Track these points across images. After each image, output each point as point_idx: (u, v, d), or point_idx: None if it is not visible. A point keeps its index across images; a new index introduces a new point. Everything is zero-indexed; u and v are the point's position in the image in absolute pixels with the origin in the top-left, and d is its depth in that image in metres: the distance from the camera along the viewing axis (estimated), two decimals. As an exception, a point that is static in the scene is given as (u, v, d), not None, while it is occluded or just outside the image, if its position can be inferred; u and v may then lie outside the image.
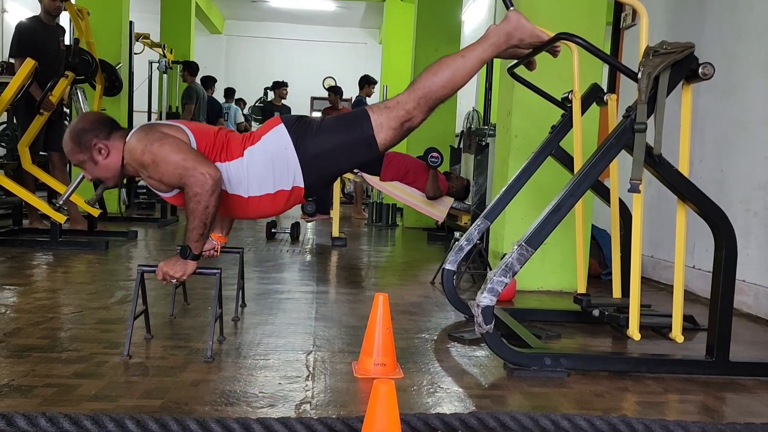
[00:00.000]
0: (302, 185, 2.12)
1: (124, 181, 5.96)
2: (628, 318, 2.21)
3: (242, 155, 2.11)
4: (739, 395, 1.95)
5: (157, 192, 2.17)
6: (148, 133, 2.06)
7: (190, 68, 8.45)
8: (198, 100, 8.18)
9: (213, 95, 9.42)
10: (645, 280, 3.99)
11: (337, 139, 2.08)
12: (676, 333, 2.16)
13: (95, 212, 4.78)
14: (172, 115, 9.11)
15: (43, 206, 4.53)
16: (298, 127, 2.11)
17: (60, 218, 4.39)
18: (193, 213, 1.98)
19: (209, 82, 9.30)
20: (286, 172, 2.10)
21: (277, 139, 2.10)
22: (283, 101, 9.09)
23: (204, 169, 1.97)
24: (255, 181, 2.11)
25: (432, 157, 5.39)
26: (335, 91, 8.54)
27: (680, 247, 2.15)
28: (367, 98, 8.21)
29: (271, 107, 8.73)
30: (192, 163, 1.98)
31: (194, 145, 2.08)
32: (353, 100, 8.30)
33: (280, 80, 9.16)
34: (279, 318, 2.68)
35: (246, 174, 2.10)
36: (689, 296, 3.47)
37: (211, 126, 2.27)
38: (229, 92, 10.96)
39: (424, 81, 2.03)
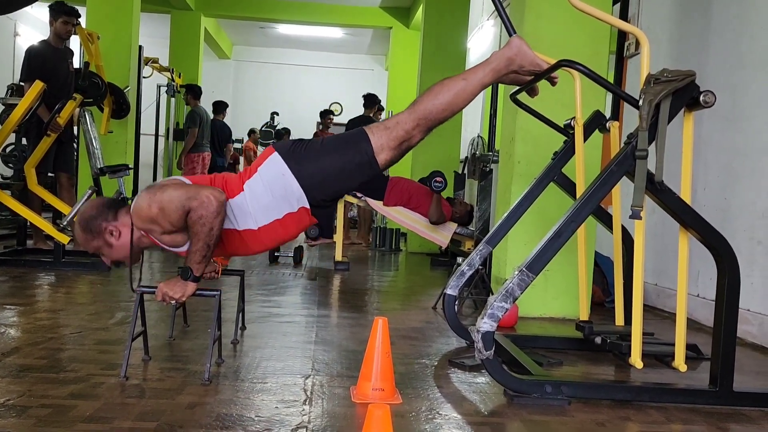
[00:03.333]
0: (307, 205, 2.13)
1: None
2: (630, 346, 2.19)
3: (242, 190, 2.12)
4: (742, 426, 1.92)
5: (175, 250, 2.16)
6: (149, 190, 2.09)
7: (194, 92, 8.48)
8: (201, 124, 8.21)
9: (224, 120, 9.45)
10: (649, 308, 3.96)
11: (338, 161, 2.08)
12: (679, 362, 2.14)
13: (99, 233, 4.78)
14: (178, 132, 9.14)
15: (46, 227, 4.54)
16: (294, 152, 2.11)
17: (63, 239, 4.40)
18: (197, 235, 1.98)
19: (221, 107, 9.33)
20: (289, 196, 2.10)
21: (274, 167, 2.10)
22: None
23: (207, 192, 1.98)
24: (260, 211, 2.12)
25: (436, 181, 5.40)
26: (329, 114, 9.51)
27: (682, 275, 2.14)
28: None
29: (364, 120, 8.00)
30: (194, 190, 2.00)
31: None
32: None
33: (372, 93, 8.27)
34: (278, 341, 2.67)
35: (250, 207, 2.11)
36: (693, 325, 3.43)
37: (207, 175, 2.30)
38: None
39: (425, 102, 2.04)
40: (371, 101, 8.10)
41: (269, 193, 2.10)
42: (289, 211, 2.12)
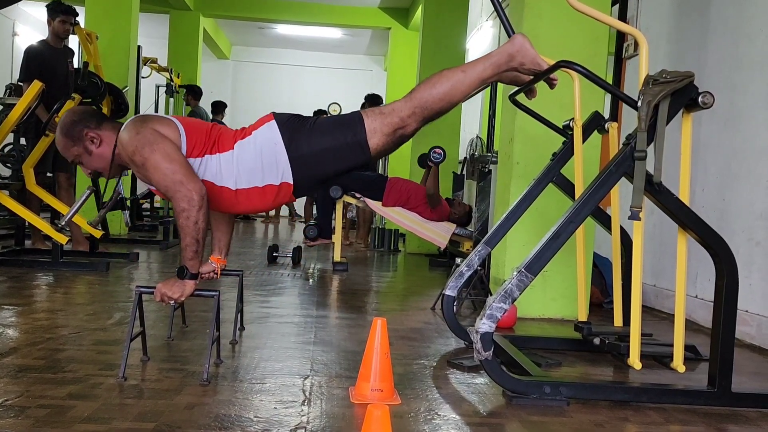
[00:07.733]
0: (291, 182, 2.12)
1: (128, 203, 5.98)
2: (629, 347, 2.19)
3: (232, 148, 2.12)
4: (741, 427, 1.92)
5: (146, 183, 2.17)
6: (140, 131, 2.04)
7: (194, 92, 8.49)
8: None
9: (223, 120, 9.48)
10: (647, 309, 3.96)
11: (329, 141, 2.08)
12: (678, 363, 2.14)
13: (97, 233, 4.79)
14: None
15: (45, 227, 4.54)
16: (291, 124, 2.12)
17: (62, 239, 4.40)
18: (183, 230, 1.99)
19: (220, 107, 9.36)
20: (275, 167, 2.10)
21: (268, 133, 2.10)
22: None
23: (191, 186, 1.98)
24: (244, 173, 2.12)
25: (434, 153, 5.39)
26: None
27: (681, 276, 2.14)
28: None
29: None
30: (180, 176, 1.99)
31: (185, 140, 2.09)
32: None
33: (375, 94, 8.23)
34: (277, 342, 2.66)
35: (235, 166, 2.11)
36: (692, 326, 3.44)
37: (206, 122, 2.27)
38: None
39: (422, 91, 2.04)
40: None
41: (258, 158, 2.10)
42: (272, 182, 2.12)
